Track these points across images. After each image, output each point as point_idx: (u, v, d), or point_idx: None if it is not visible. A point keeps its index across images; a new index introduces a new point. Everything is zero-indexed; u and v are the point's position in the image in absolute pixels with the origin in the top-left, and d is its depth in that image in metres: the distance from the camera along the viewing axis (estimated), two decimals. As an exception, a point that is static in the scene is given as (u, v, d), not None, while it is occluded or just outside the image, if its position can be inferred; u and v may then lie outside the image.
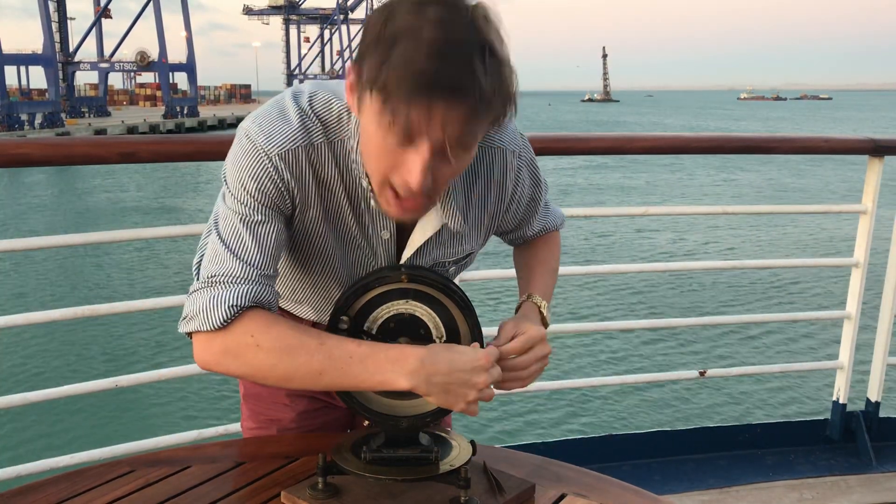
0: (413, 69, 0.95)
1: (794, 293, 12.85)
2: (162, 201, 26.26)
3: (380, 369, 1.11)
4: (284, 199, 1.16)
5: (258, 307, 1.14)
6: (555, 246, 1.51)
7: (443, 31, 0.96)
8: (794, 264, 9.74)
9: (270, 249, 1.15)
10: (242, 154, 1.14)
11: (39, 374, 9.49)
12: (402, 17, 0.98)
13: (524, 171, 1.33)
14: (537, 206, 1.42)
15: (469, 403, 1.13)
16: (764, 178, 31.10)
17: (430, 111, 0.98)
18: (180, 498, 1.26)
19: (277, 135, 1.13)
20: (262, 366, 1.12)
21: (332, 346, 1.12)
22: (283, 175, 1.14)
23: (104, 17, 67.04)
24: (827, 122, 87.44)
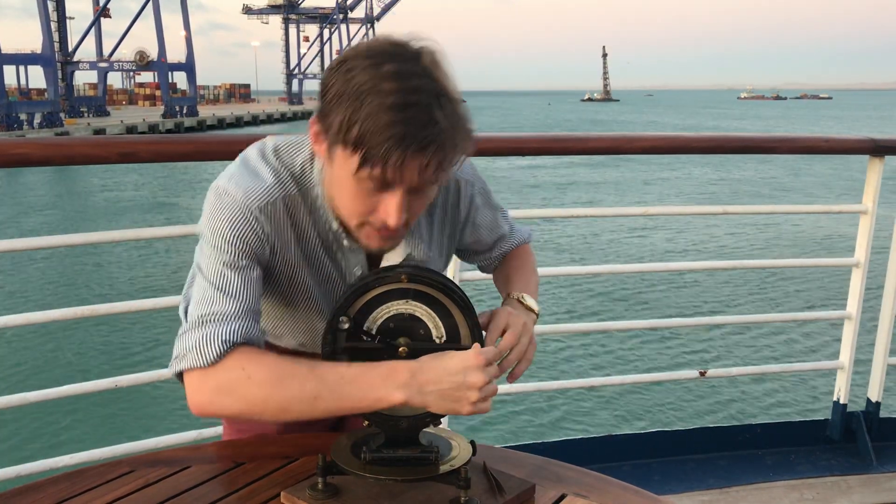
0: (382, 125, 1.04)
1: (794, 293, 12.86)
2: (161, 200, 26.26)
3: (373, 387, 1.13)
4: (264, 249, 1.22)
5: (248, 344, 1.17)
6: (526, 254, 1.57)
7: (401, 85, 1.04)
8: (794, 264, 9.75)
9: (255, 290, 1.21)
10: (222, 208, 1.19)
11: (39, 374, 9.49)
12: (361, 74, 1.06)
13: (477, 197, 1.42)
14: (498, 229, 1.50)
15: (474, 404, 1.15)
16: (761, 176, 31.10)
17: (405, 164, 1.06)
18: (180, 498, 1.26)
19: (255, 190, 1.20)
20: (255, 399, 1.14)
21: (323, 371, 1.15)
22: (264, 227, 1.21)
23: (103, 16, 67.02)
24: (826, 122, 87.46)
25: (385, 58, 1.06)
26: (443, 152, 1.08)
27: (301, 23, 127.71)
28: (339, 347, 1.22)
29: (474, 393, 1.14)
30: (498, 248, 1.52)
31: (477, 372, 1.14)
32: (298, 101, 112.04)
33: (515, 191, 26.97)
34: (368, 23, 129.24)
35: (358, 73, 1.06)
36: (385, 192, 1.12)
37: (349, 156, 1.08)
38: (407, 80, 1.05)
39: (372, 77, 1.05)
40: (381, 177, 1.08)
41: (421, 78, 1.06)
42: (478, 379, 1.14)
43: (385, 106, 1.03)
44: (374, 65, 1.06)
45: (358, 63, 1.07)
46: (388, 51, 1.08)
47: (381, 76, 1.05)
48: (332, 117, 1.09)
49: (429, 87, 1.06)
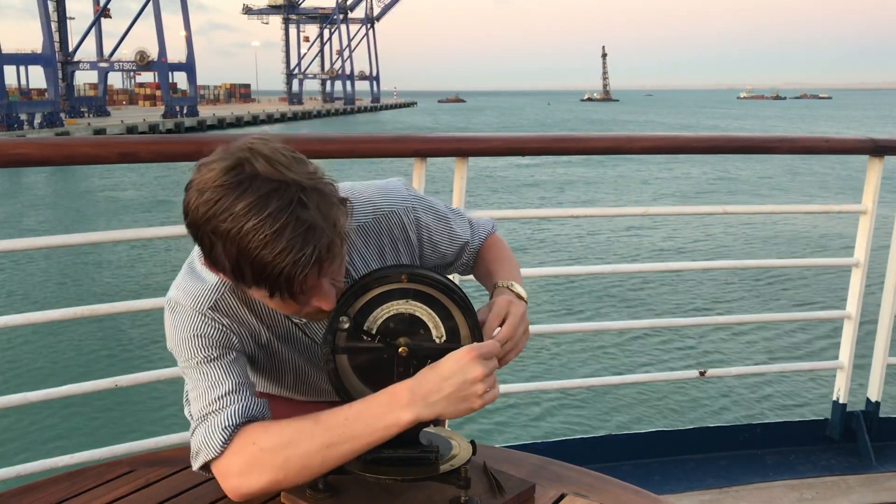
0: (270, 263, 1.06)
1: (794, 293, 12.85)
2: (162, 198, 26.27)
3: (379, 416, 1.16)
4: (230, 339, 1.28)
5: (250, 420, 1.22)
6: (497, 245, 1.58)
7: (263, 215, 1.05)
8: (794, 264, 9.74)
9: (238, 369, 1.27)
10: (177, 322, 1.27)
11: (39, 374, 9.49)
12: (222, 223, 1.07)
13: (423, 218, 1.44)
14: (458, 239, 1.51)
15: (482, 396, 1.17)
16: (758, 175, 31.10)
17: (307, 279, 1.10)
18: (180, 498, 1.26)
19: (200, 293, 1.26)
20: (275, 466, 1.18)
21: (327, 418, 1.18)
22: (221, 322, 1.27)
23: (103, 16, 66.97)
24: (825, 121, 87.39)
25: (231, 195, 1.06)
26: (331, 248, 1.10)
27: (301, 23, 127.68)
28: (338, 347, 1.22)
29: (479, 386, 1.16)
30: (466, 254, 1.54)
31: (473, 365, 1.15)
32: (298, 101, 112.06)
33: (512, 190, 26.98)
34: (368, 23, 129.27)
35: (218, 222, 1.07)
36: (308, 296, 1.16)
37: (256, 290, 1.13)
38: (263, 208, 1.05)
39: (233, 221, 1.06)
40: (295, 296, 1.13)
41: (274, 195, 1.06)
42: (477, 372, 1.15)
43: (260, 245, 1.06)
44: (227, 208, 1.06)
45: (212, 211, 1.07)
46: (229, 184, 1.07)
47: (239, 217, 1.05)
48: (220, 264, 1.12)
49: (286, 200, 1.06)
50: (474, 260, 1.57)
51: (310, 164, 1.13)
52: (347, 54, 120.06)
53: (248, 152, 1.09)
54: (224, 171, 1.08)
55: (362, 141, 2.35)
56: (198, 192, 1.09)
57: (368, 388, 1.25)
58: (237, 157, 1.09)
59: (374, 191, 1.40)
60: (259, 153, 1.09)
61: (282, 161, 1.09)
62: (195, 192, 1.09)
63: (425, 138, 2.45)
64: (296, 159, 1.11)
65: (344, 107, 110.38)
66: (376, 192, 1.40)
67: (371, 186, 1.42)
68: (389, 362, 1.23)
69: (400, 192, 1.42)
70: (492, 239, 1.59)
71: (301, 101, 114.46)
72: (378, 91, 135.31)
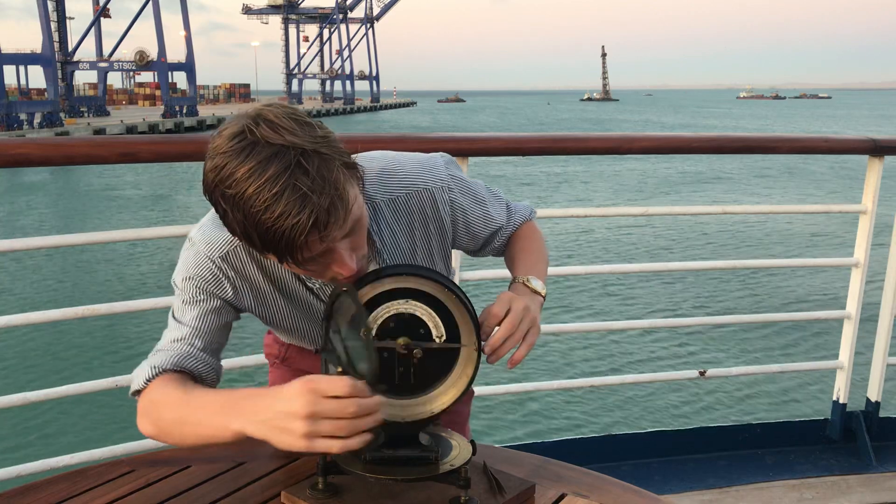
0: (268, 230, 1.07)
1: (794, 293, 12.85)
2: (160, 199, 26.28)
3: (216, 415, 1.15)
4: (224, 289, 1.31)
5: (175, 370, 1.26)
6: (531, 233, 1.55)
7: (261, 182, 1.05)
8: (794, 264, 9.74)
9: (208, 321, 1.30)
10: (187, 260, 1.31)
11: (39, 374, 9.49)
12: (227, 188, 1.08)
13: (459, 199, 1.43)
14: (493, 222, 1.50)
15: (305, 438, 1.05)
16: (756, 174, 31.13)
17: (309, 244, 1.10)
18: (180, 498, 1.26)
19: (216, 241, 1.30)
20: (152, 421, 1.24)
21: (195, 397, 1.21)
22: (227, 272, 1.30)
23: (103, 16, 66.99)
24: (823, 120, 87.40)
25: (235, 160, 1.07)
26: (331, 212, 1.09)
27: (301, 23, 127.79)
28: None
29: (299, 424, 1.04)
30: (498, 238, 1.52)
31: (298, 399, 1.05)
32: (298, 101, 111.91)
33: (508, 189, 26.99)
34: (368, 22, 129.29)
35: (224, 188, 1.08)
36: (322, 260, 1.16)
37: (268, 256, 1.14)
38: (262, 172, 1.06)
39: (235, 186, 1.07)
40: (309, 264, 1.14)
41: (274, 159, 1.06)
42: (297, 407, 1.04)
43: (260, 210, 1.06)
44: (230, 174, 1.08)
45: (218, 177, 1.09)
46: (236, 148, 1.08)
47: (241, 182, 1.07)
48: (233, 230, 1.13)
49: (284, 164, 1.06)
50: (506, 245, 1.55)
51: (318, 129, 1.12)
52: (347, 54, 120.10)
53: (254, 119, 1.10)
54: (230, 138, 1.10)
55: (362, 141, 2.35)
56: (210, 159, 1.12)
57: (368, 387, 1.25)
58: (243, 123, 1.10)
59: (413, 165, 1.40)
60: (264, 118, 1.09)
61: (285, 125, 1.09)
62: (208, 159, 1.12)
63: (425, 138, 2.46)
64: (302, 123, 1.11)
65: (343, 106, 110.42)
66: (415, 166, 1.39)
67: (411, 160, 1.41)
68: (389, 362, 1.23)
69: (438, 170, 1.41)
70: (526, 226, 1.56)
71: (301, 100, 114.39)
72: (378, 91, 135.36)
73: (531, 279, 1.38)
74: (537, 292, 1.37)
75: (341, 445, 1.05)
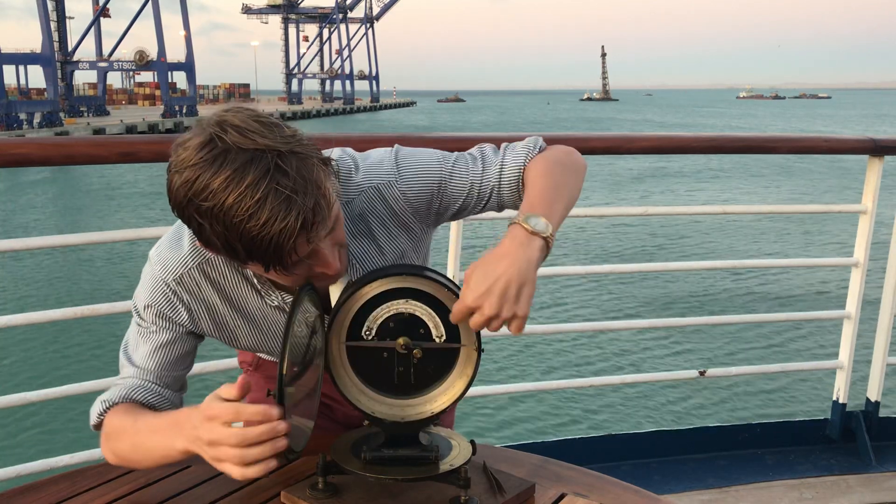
0: (254, 238, 1.05)
1: (794, 293, 12.85)
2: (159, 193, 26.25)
3: (165, 435, 1.17)
4: (180, 314, 1.30)
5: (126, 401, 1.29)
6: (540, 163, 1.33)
7: (240, 190, 1.03)
8: (794, 264, 9.74)
9: (161, 355, 1.30)
10: (144, 281, 1.31)
11: (39, 374, 9.48)
12: (204, 201, 1.05)
13: (414, 185, 1.32)
14: (467, 182, 1.34)
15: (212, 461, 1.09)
16: (752, 174, 31.16)
17: (298, 246, 1.09)
18: (180, 498, 1.26)
19: (171, 262, 1.29)
20: (109, 449, 1.27)
21: (144, 422, 1.22)
22: (181, 296, 1.30)
23: (103, 16, 66.93)
24: (822, 120, 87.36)
25: (208, 171, 1.04)
26: (317, 211, 1.08)
27: (300, 22, 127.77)
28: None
29: (206, 449, 1.09)
30: (501, 192, 1.36)
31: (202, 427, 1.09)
32: (298, 101, 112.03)
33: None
34: (368, 22, 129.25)
35: (200, 202, 1.05)
36: (307, 262, 1.14)
37: (253, 265, 1.13)
38: (240, 181, 1.03)
39: (213, 198, 1.04)
40: (291, 266, 1.12)
41: (251, 166, 1.04)
42: (202, 433, 1.08)
43: (244, 219, 1.04)
44: (204, 188, 1.04)
45: (193, 190, 1.05)
46: (206, 160, 1.05)
47: (219, 193, 1.04)
48: (213, 246, 1.11)
49: (262, 169, 1.04)
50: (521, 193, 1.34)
51: (286, 128, 1.10)
52: (347, 54, 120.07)
53: (219, 126, 1.07)
54: (198, 148, 1.06)
55: (362, 141, 2.34)
56: (177, 174, 1.07)
57: (368, 387, 1.25)
58: (209, 131, 1.06)
59: (364, 165, 1.33)
60: (230, 124, 1.06)
61: (254, 129, 1.06)
62: (175, 174, 1.08)
63: (425, 138, 2.45)
64: (269, 125, 1.08)
65: (343, 106, 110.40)
66: (366, 166, 1.33)
67: (365, 160, 1.34)
68: (389, 362, 1.23)
69: (383, 165, 1.33)
70: (534, 162, 1.34)
71: (300, 100, 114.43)
72: (377, 91, 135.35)
73: (530, 218, 1.19)
74: (537, 233, 1.18)
75: (240, 473, 1.07)
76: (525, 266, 1.14)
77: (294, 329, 1.13)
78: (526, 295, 1.14)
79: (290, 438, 1.11)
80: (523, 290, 1.13)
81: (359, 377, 1.25)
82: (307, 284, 1.20)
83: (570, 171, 1.34)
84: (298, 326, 1.16)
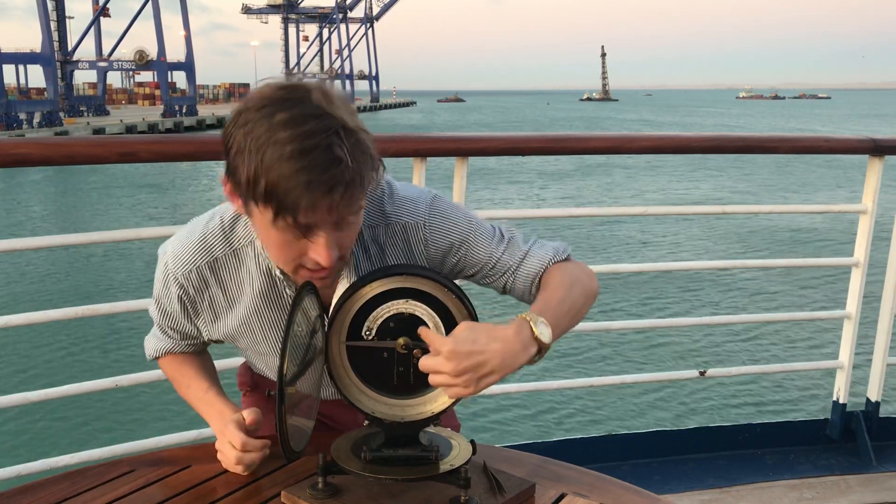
0: (286, 175, 1.06)
1: (794, 293, 12.85)
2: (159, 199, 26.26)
3: (204, 412, 1.44)
4: (185, 308, 1.39)
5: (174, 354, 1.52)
6: (560, 272, 1.35)
7: (296, 132, 1.06)
8: (794, 264, 9.73)
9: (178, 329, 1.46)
10: (157, 274, 1.40)
11: (39, 374, 9.48)
12: (257, 127, 1.08)
13: (438, 235, 1.34)
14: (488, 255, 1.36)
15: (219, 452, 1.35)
16: (743, 172, 31.22)
17: (316, 207, 1.09)
18: (180, 498, 1.26)
19: (181, 258, 1.35)
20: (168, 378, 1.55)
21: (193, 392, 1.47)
22: (187, 291, 1.36)
23: (103, 16, 66.90)
24: (820, 120, 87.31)
25: (277, 106, 1.08)
26: (350, 188, 1.09)
27: (300, 22, 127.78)
28: None
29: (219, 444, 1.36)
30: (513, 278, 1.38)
31: (222, 438, 1.34)
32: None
33: (506, 186, 26.97)
34: (368, 22, 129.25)
35: (254, 126, 1.08)
36: (309, 236, 1.14)
37: (263, 209, 1.12)
38: (301, 124, 1.06)
39: (267, 129, 1.07)
40: (298, 224, 1.11)
41: (315, 119, 1.07)
42: (220, 441, 1.35)
43: (285, 156, 1.06)
44: (267, 115, 1.08)
45: (252, 116, 1.09)
46: (278, 97, 1.09)
47: (275, 126, 1.07)
48: (238, 174, 1.11)
49: (324, 125, 1.07)
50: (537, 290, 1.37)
51: (359, 119, 1.14)
52: (346, 54, 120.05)
53: (307, 82, 1.12)
54: (280, 87, 1.11)
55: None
56: (247, 99, 1.12)
57: (368, 387, 1.25)
58: (296, 81, 1.12)
59: (398, 198, 1.34)
60: (317, 86, 1.12)
61: (335, 100, 1.11)
62: (245, 99, 1.12)
63: (425, 138, 2.45)
64: (349, 108, 1.13)
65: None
66: (399, 199, 1.34)
67: (401, 193, 1.35)
68: (389, 362, 1.23)
69: (418, 203, 1.34)
70: (556, 267, 1.36)
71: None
72: (377, 91, 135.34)
73: (540, 324, 1.19)
74: (537, 341, 1.18)
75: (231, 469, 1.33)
76: (510, 361, 1.15)
77: (294, 329, 1.14)
78: (488, 382, 1.15)
79: (291, 438, 1.17)
80: (489, 377, 1.14)
81: (359, 377, 1.25)
82: (308, 284, 1.20)
83: (585, 294, 1.35)
84: (299, 326, 1.16)
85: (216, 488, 1.28)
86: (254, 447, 1.30)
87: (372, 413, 1.24)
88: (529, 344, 1.17)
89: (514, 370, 1.16)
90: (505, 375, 1.15)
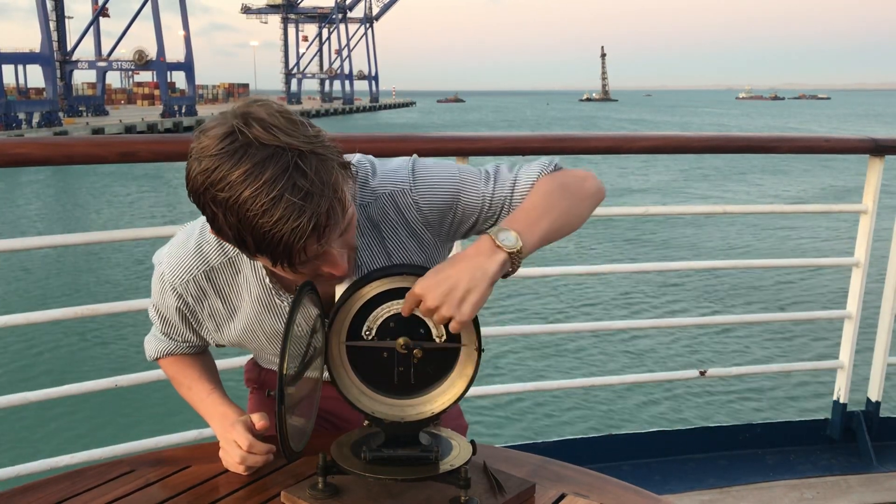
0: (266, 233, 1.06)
1: (794, 293, 12.85)
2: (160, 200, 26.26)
3: (206, 413, 1.45)
4: (184, 315, 1.40)
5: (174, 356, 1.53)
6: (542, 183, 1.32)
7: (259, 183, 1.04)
8: (794, 264, 9.73)
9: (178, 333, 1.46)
10: (154, 282, 1.40)
11: (39, 374, 9.48)
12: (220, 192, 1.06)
13: (427, 196, 1.31)
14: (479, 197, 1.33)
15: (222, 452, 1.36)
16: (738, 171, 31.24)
17: (308, 246, 1.09)
18: (180, 498, 1.26)
19: (177, 267, 1.35)
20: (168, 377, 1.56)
21: (195, 392, 1.48)
22: (185, 299, 1.37)
23: (102, 16, 66.89)
24: (820, 120, 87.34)
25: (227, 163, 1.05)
26: (331, 212, 1.08)
27: (300, 22, 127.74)
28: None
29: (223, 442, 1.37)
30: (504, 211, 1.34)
31: (225, 439, 1.36)
32: (297, 101, 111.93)
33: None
34: (367, 22, 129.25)
35: (217, 191, 1.06)
36: (314, 260, 1.14)
37: (262, 260, 1.15)
38: (259, 175, 1.04)
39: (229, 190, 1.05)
40: (302, 265, 1.13)
41: (269, 161, 1.04)
42: (223, 440, 1.37)
43: (258, 214, 1.04)
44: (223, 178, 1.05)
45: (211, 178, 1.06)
46: (224, 151, 1.05)
47: (235, 185, 1.04)
48: (223, 234, 1.12)
49: (281, 165, 1.04)
50: None
51: (310, 128, 1.10)
52: (346, 54, 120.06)
53: (244, 118, 1.07)
54: (220, 139, 1.06)
55: (362, 140, 2.34)
56: (196, 161, 1.08)
57: (368, 387, 1.25)
58: (232, 123, 1.07)
59: (382, 172, 1.33)
60: (254, 118, 1.06)
61: (279, 125, 1.06)
62: (194, 161, 1.09)
63: (425, 138, 2.45)
64: (293, 122, 1.08)
65: (343, 106, 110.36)
66: (383, 173, 1.33)
67: (384, 167, 1.34)
68: (389, 362, 1.23)
69: (399, 171, 1.32)
70: (541, 181, 1.33)
71: (300, 100, 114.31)
72: (377, 91, 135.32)
73: (501, 231, 1.19)
74: (502, 247, 1.17)
75: (234, 469, 1.35)
76: (478, 274, 1.15)
77: (294, 329, 1.13)
78: (471, 301, 1.14)
79: (291, 438, 1.17)
80: (469, 296, 1.14)
81: (359, 377, 1.25)
82: (307, 284, 1.20)
83: (572, 195, 1.32)
84: (299, 326, 1.16)
85: (216, 488, 1.28)
86: (259, 450, 1.32)
87: (372, 413, 1.24)
88: (493, 252, 1.17)
89: (489, 280, 1.16)
90: (486, 290, 1.16)
